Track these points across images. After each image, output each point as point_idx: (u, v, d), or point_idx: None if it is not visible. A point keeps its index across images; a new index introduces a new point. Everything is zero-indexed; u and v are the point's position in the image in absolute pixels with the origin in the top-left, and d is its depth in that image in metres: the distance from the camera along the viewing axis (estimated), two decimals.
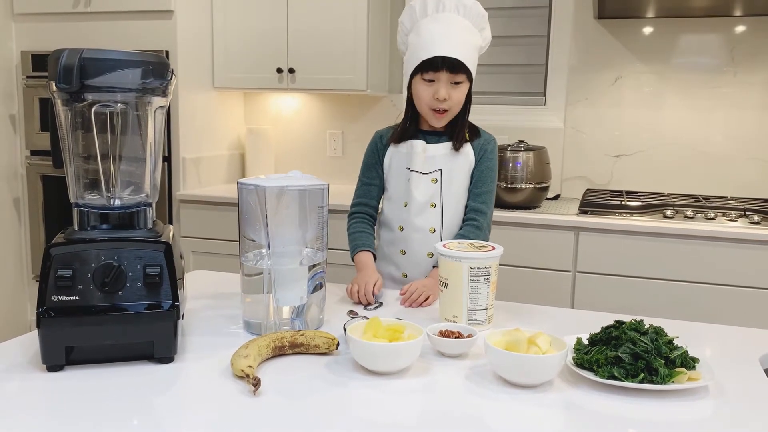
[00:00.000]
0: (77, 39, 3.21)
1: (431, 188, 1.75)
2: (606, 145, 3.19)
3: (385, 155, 1.81)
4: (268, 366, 1.18)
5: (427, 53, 1.66)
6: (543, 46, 3.26)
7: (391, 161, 1.80)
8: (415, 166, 1.75)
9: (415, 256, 1.78)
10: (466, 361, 1.23)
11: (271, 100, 3.67)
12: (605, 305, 2.62)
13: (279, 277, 1.29)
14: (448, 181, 1.75)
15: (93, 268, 1.12)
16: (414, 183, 1.75)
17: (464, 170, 1.77)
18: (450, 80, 1.68)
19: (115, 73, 1.12)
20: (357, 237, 1.80)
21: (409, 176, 1.76)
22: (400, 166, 1.78)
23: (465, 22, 1.71)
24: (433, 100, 1.69)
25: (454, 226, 1.77)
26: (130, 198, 1.22)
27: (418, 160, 1.75)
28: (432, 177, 1.75)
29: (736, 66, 2.98)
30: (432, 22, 1.69)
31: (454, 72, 1.67)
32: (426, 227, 1.76)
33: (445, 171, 1.75)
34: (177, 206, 3.22)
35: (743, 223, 2.56)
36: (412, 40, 1.72)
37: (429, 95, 1.69)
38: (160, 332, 1.15)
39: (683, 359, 1.13)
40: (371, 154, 1.84)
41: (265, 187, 1.25)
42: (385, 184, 1.84)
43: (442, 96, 1.67)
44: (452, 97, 1.69)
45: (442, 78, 1.67)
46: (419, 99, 1.72)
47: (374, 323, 1.19)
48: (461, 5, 1.71)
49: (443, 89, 1.67)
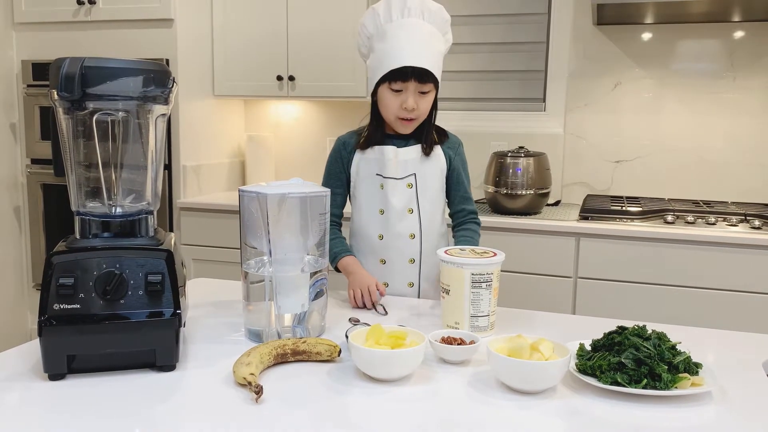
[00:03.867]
0: (78, 48, 3.22)
1: (407, 193, 1.74)
2: (606, 151, 3.19)
3: (351, 162, 1.78)
4: (270, 373, 1.18)
5: (396, 62, 1.63)
6: (542, 53, 3.27)
7: (358, 168, 1.77)
8: (387, 173, 1.74)
9: (396, 264, 1.76)
10: (469, 367, 1.23)
11: (272, 107, 3.68)
12: (607, 311, 2.62)
13: (280, 285, 1.29)
14: (422, 185, 1.75)
15: (94, 276, 1.12)
16: (390, 189, 1.74)
17: (437, 173, 1.77)
18: (418, 89, 1.66)
19: (117, 82, 1.13)
20: (333, 244, 1.75)
21: (382, 182, 1.74)
22: (370, 172, 1.76)
23: (430, 28, 1.68)
24: (401, 110, 1.67)
25: (432, 231, 1.77)
26: (131, 206, 1.22)
27: (390, 165, 1.73)
28: (407, 182, 1.74)
29: (736, 71, 2.98)
30: (398, 29, 1.66)
31: (423, 82, 1.65)
32: (406, 233, 1.75)
33: (418, 175, 1.74)
34: (177, 214, 3.22)
35: (744, 228, 2.56)
36: (378, 46, 1.69)
37: (396, 105, 1.67)
38: (161, 340, 1.14)
39: (686, 365, 1.12)
40: (334, 162, 1.81)
41: (266, 195, 1.25)
42: (353, 191, 1.80)
43: (411, 106, 1.65)
44: (420, 107, 1.68)
45: (410, 88, 1.65)
46: (386, 108, 1.70)
47: (376, 330, 1.19)
48: (426, 10, 1.69)
49: (411, 99, 1.65)
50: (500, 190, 2.82)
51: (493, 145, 3.21)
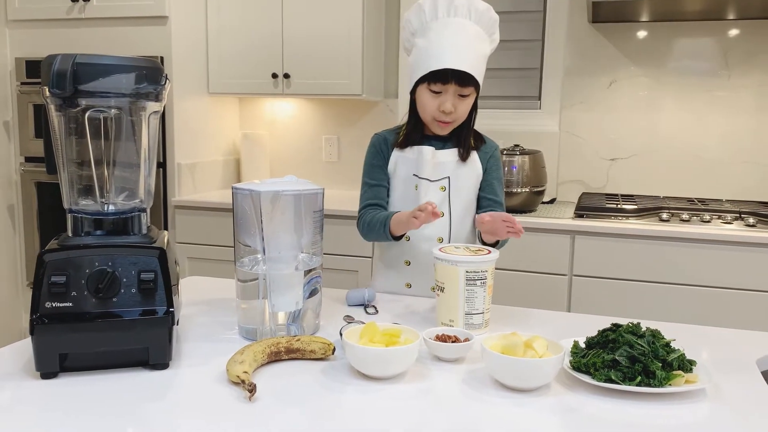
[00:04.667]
0: (71, 45, 3.21)
1: (439, 196, 1.69)
2: (601, 149, 3.19)
3: (389, 159, 1.73)
4: (263, 372, 1.17)
5: (437, 64, 1.58)
6: (538, 50, 3.27)
7: (396, 166, 1.72)
8: (423, 173, 1.69)
9: (421, 266, 1.71)
10: (463, 365, 1.22)
11: (267, 105, 3.67)
12: (602, 308, 2.62)
13: (274, 283, 1.29)
14: (455, 189, 1.70)
15: (87, 274, 1.11)
16: (423, 191, 1.69)
17: (472, 178, 1.72)
18: (457, 92, 1.61)
19: (109, 78, 1.12)
20: (382, 215, 1.66)
21: (416, 183, 1.70)
22: (407, 172, 1.71)
23: (476, 29, 1.63)
24: (438, 112, 1.63)
25: (461, 236, 1.73)
26: (124, 203, 1.22)
27: (427, 167, 1.69)
28: (440, 185, 1.70)
29: (730, 69, 2.99)
30: (442, 28, 1.61)
31: (463, 85, 1.60)
32: (434, 236, 1.71)
33: (453, 179, 1.70)
34: (172, 212, 3.21)
35: (739, 225, 2.56)
36: (420, 43, 1.64)
37: (434, 106, 1.63)
38: (154, 338, 1.14)
39: (680, 362, 1.12)
40: (376, 155, 1.75)
41: (260, 192, 1.24)
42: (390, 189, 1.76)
43: (449, 109, 1.61)
44: (458, 110, 1.63)
45: (449, 90, 1.60)
46: (423, 108, 1.65)
47: (370, 328, 1.19)
48: (473, 9, 1.63)
49: (449, 102, 1.61)
50: None
51: None
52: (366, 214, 1.71)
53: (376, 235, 1.68)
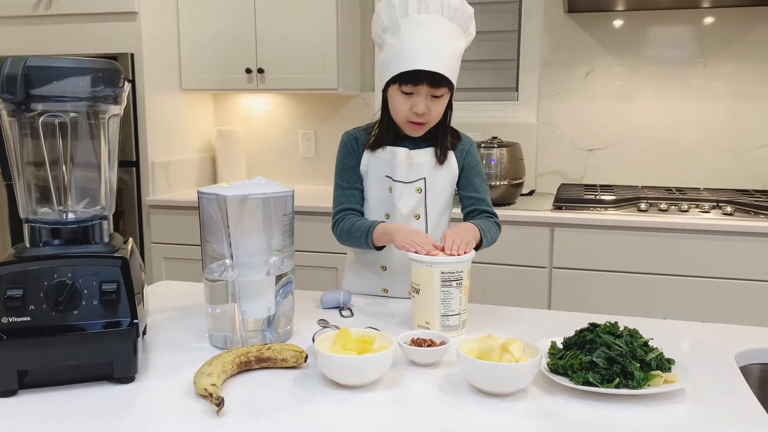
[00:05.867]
0: (38, 43, 3.13)
1: (415, 198, 1.63)
2: (579, 140, 3.18)
3: (361, 160, 1.65)
4: (233, 382, 1.14)
5: (408, 64, 1.50)
6: (514, 42, 3.24)
7: (368, 167, 1.64)
8: (397, 176, 1.62)
9: (398, 271, 1.65)
10: (439, 369, 1.20)
11: (242, 100, 3.61)
12: (582, 300, 2.61)
13: (244, 289, 1.25)
14: (432, 191, 1.64)
15: (45, 286, 1.07)
16: (397, 193, 1.62)
17: (448, 178, 1.65)
18: (430, 94, 1.53)
19: (63, 82, 1.07)
20: (363, 222, 1.59)
21: (390, 185, 1.64)
22: (379, 173, 1.64)
23: (449, 26, 1.54)
24: (410, 113, 1.55)
25: (436, 238, 1.63)
26: (84, 211, 1.17)
27: (401, 168, 1.62)
28: (416, 186, 1.63)
29: (706, 57, 2.98)
30: (413, 26, 1.52)
31: (436, 86, 1.52)
32: None
33: (429, 180, 1.63)
34: (147, 212, 3.16)
35: (716, 214, 2.56)
36: (391, 41, 1.55)
37: (406, 108, 1.54)
38: (119, 351, 1.10)
39: (659, 361, 1.10)
40: (348, 156, 1.66)
41: (225, 197, 1.20)
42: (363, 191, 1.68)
43: (421, 111, 1.53)
44: (432, 111, 1.55)
45: (421, 92, 1.52)
46: (395, 110, 1.58)
47: (343, 334, 1.16)
48: (446, 5, 1.54)
49: (422, 104, 1.53)
50: None
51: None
52: (344, 219, 1.63)
53: (355, 243, 1.60)
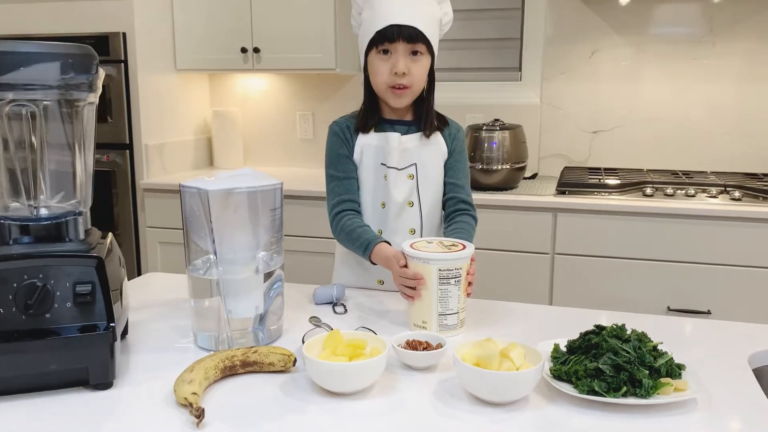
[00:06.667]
0: (26, 22, 3.03)
1: (408, 185, 1.59)
2: (583, 121, 3.09)
3: (354, 147, 1.60)
4: (217, 388, 1.07)
5: (381, 23, 1.50)
6: (517, 19, 3.14)
7: (362, 155, 1.60)
8: (391, 162, 1.58)
9: None
10: (435, 373, 1.13)
11: (238, 81, 3.52)
12: (585, 287, 2.55)
13: (229, 287, 1.18)
14: (423, 176, 1.59)
15: (14, 288, 1.00)
16: (392, 180, 1.58)
17: (438, 163, 1.61)
18: (408, 51, 1.50)
19: (31, 68, 0.99)
20: (365, 231, 1.52)
21: (385, 173, 1.59)
22: (374, 161, 1.59)
23: None
24: (391, 76, 1.51)
25: (432, 225, 1.62)
26: (58, 206, 1.10)
27: (394, 154, 1.57)
28: (408, 173, 1.58)
29: (715, 36, 2.88)
30: None
31: (412, 42, 1.50)
32: (406, 229, 1.60)
33: (419, 165, 1.59)
34: (141, 196, 3.09)
35: (724, 199, 2.48)
36: (366, 15, 1.56)
37: (386, 70, 1.51)
38: (94, 357, 1.03)
39: (668, 367, 1.04)
40: (340, 145, 1.61)
41: (207, 191, 1.13)
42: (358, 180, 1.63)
43: (401, 69, 1.49)
44: (412, 72, 1.51)
45: (399, 49, 1.50)
46: (376, 76, 1.54)
47: (334, 338, 1.09)
48: None
49: (402, 61, 1.49)
50: (475, 166, 2.72)
51: (468, 118, 3.10)
52: (344, 218, 1.57)
53: (352, 249, 1.55)
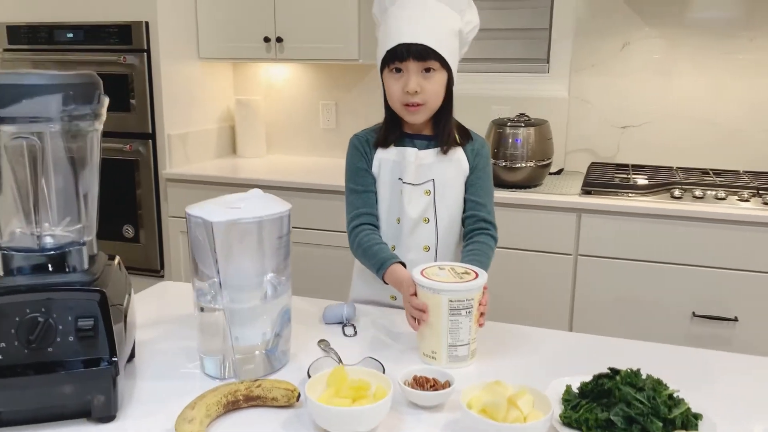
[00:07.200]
0: (51, 9, 3.04)
1: (423, 201, 1.55)
2: (612, 116, 3.00)
3: (372, 161, 1.58)
4: (219, 423, 1.06)
5: (392, 42, 1.46)
6: (546, 9, 3.05)
7: (380, 169, 1.58)
8: (407, 177, 1.55)
9: None
10: (443, 413, 1.10)
11: (261, 69, 3.49)
12: (608, 290, 2.50)
13: (235, 316, 1.16)
14: (441, 192, 1.55)
15: (16, 322, 0.99)
16: (407, 196, 1.55)
17: (458, 180, 1.57)
18: (420, 68, 1.46)
19: (32, 101, 0.97)
20: (381, 249, 1.49)
21: (401, 188, 1.55)
22: (392, 176, 1.57)
23: (439, 7, 1.49)
24: (403, 94, 1.48)
25: (449, 243, 1.58)
26: (62, 235, 1.08)
27: (410, 169, 1.54)
28: (424, 189, 1.55)
29: (753, 30, 2.76)
30: (399, 10, 1.49)
31: (422, 59, 1.46)
32: (420, 245, 1.56)
33: (437, 181, 1.55)
34: (164, 186, 3.09)
35: (756, 203, 2.40)
36: (381, 32, 1.53)
37: (399, 89, 1.48)
38: (97, 391, 1.02)
39: (684, 418, 1.00)
40: (359, 158, 1.59)
41: (211, 223, 1.10)
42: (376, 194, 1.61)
43: (412, 88, 1.46)
44: (425, 89, 1.47)
45: (410, 67, 1.46)
46: (390, 95, 1.51)
47: (338, 376, 1.06)
48: None
49: (413, 80, 1.46)
50: (498, 163, 2.66)
51: (494, 110, 3.03)
52: (361, 233, 1.54)
53: (367, 265, 1.53)
